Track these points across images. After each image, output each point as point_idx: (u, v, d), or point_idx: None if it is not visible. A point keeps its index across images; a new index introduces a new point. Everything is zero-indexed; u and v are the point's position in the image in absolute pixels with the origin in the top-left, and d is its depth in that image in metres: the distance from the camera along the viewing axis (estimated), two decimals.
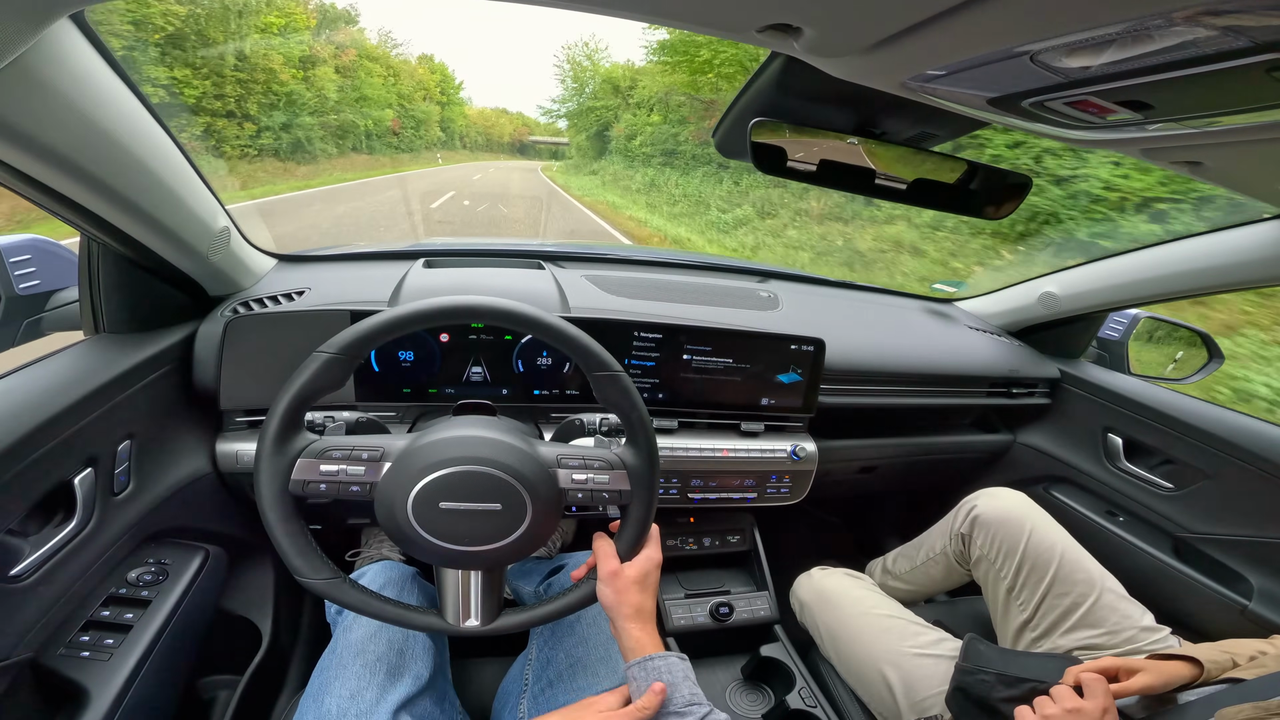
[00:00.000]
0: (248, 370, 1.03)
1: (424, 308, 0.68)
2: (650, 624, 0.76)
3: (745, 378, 1.20)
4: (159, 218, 0.86)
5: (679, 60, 13.71)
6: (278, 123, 17.83)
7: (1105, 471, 1.47)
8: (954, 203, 0.90)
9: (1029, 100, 0.55)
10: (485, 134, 59.93)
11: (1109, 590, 1.06)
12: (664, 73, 15.69)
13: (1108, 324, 1.63)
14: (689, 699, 0.69)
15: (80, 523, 0.83)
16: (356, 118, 23.58)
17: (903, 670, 1.04)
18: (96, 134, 0.69)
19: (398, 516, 0.68)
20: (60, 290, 1.02)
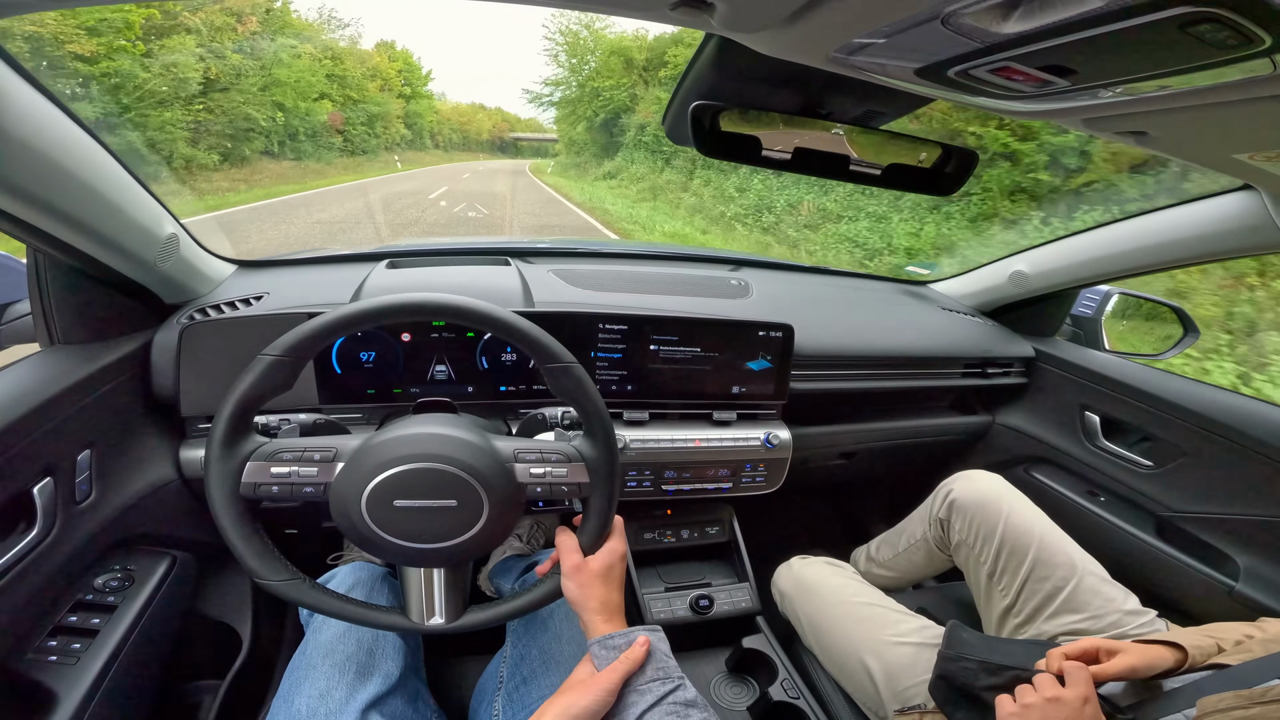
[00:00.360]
0: (207, 376, 1.02)
1: (367, 307, 0.68)
2: (617, 616, 0.75)
3: (715, 366, 1.19)
4: (96, 226, 0.85)
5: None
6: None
7: (1084, 450, 1.47)
8: (906, 181, 0.89)
9: (954, 69, 0.54)
10: (461, 131, 55.69)
11: (1090, 574, 1.05)
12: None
13: (1080, 301, 1.63)
14: (656, 674, 0.69)
15: (42, 531, 0.83)
16: (256, 110, 17.82)
17: (884, 659, 1.03)
18: (13, 145, 0.67)
19: (352, 515, 0.67)
20: (14, 303, 1.01)
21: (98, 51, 13.30)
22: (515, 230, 11.11)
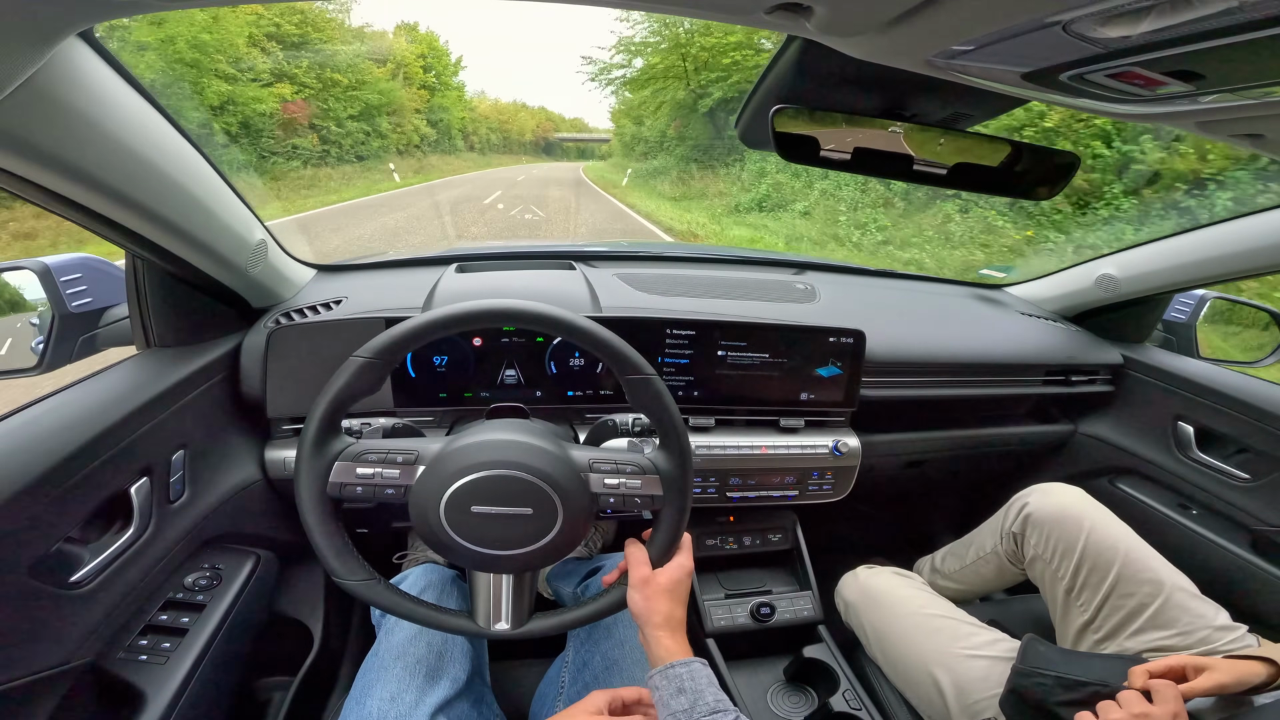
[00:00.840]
0: (291, 378, 1.06)
1: (455, 312, 0.69)
2: (680, 633, 0.75)
3: (783, 373, 1.17)
4: (193, 232, 0.88)
5: None
6: None
7: (1175, 462, 1.38)
8: (995, 184, 0.85)
9: (1067, 74, 0.51)
10: (501, 130, 49.75)
11: (1180, 589, 1.00)
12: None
13: (1173, 306, 1.54)
14: (713, 705, 0.67)
15: (138, 530, 0.86)
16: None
17: (954, 672, 1.00)
18: (119, 150, 0.70)
19: (430, 519, 0.69)
20: (112, 307, 1.06)
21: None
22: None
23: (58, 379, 0.91)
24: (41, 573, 0.73)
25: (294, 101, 16.63)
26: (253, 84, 15.72)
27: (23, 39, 0.49)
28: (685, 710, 0.67)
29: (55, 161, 0.64)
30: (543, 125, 63.80)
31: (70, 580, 0.77)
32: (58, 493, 0.74)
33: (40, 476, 0.71)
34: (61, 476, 0.74)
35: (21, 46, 0.50)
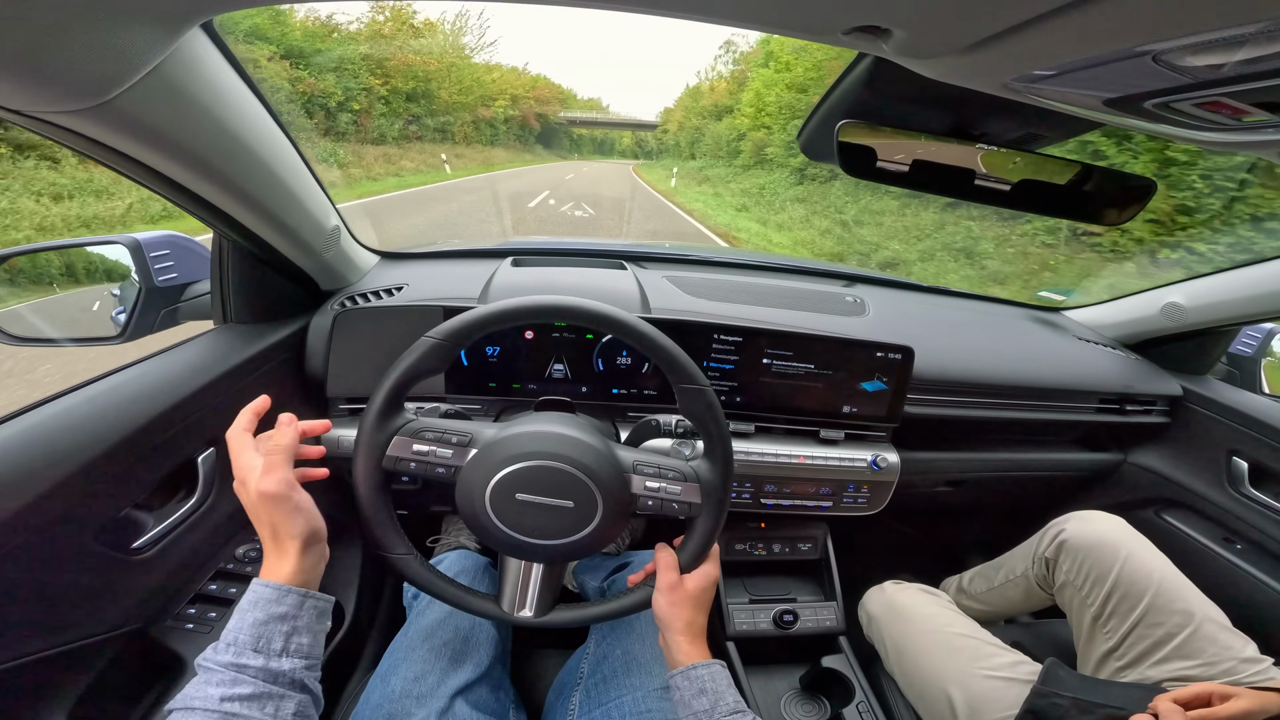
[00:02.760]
0: (351, 360, 1.11)
1: (527, 304, 0.71)
2: (701, 640, 0.76)
3: (827, 384, 1.17)
4: (281, 216, 0.92)
5: None
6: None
7: (1225, 496, 1.35)
8: (1060, 206, 0.84)
9: (1153, 101, 0.50)
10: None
11: (1210, 620, 0.99)
12: None
13: (1239, 339, 1.48)
14: (733, 706, 0.68)
15: (200, 499, 0.89)
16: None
17: (970, 691, 1.00)
18: (227, 137, 0.74)
19: (475, 502, 0.71)
20: (194, 283, 1.11)
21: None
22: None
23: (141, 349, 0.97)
24: (107, 538, 0.76)
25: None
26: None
27: (155, 27, 0.53)
28: (707, 710, 0.68)
29: (170, 146, 0.68)
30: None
31: (132, 546, 0.80)
32: (133, 458, 0.77)
33: (120, 441, 0.74)
34: (139, 442, 0.77)
35: (154, 34, 0.54)
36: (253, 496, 0.65)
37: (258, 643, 0.59)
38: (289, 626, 0.61)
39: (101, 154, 0.66)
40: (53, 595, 0.70)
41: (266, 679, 0.57)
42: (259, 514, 0.66)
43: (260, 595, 0.61)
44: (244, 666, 0.57)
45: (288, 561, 0.64)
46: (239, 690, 0.55)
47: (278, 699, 0.57)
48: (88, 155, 0.67)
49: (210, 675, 0.56)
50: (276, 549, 0.65)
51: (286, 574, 0.64)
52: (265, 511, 0.65)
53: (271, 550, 0.65)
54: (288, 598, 0.62)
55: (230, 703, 0.54)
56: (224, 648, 0.58)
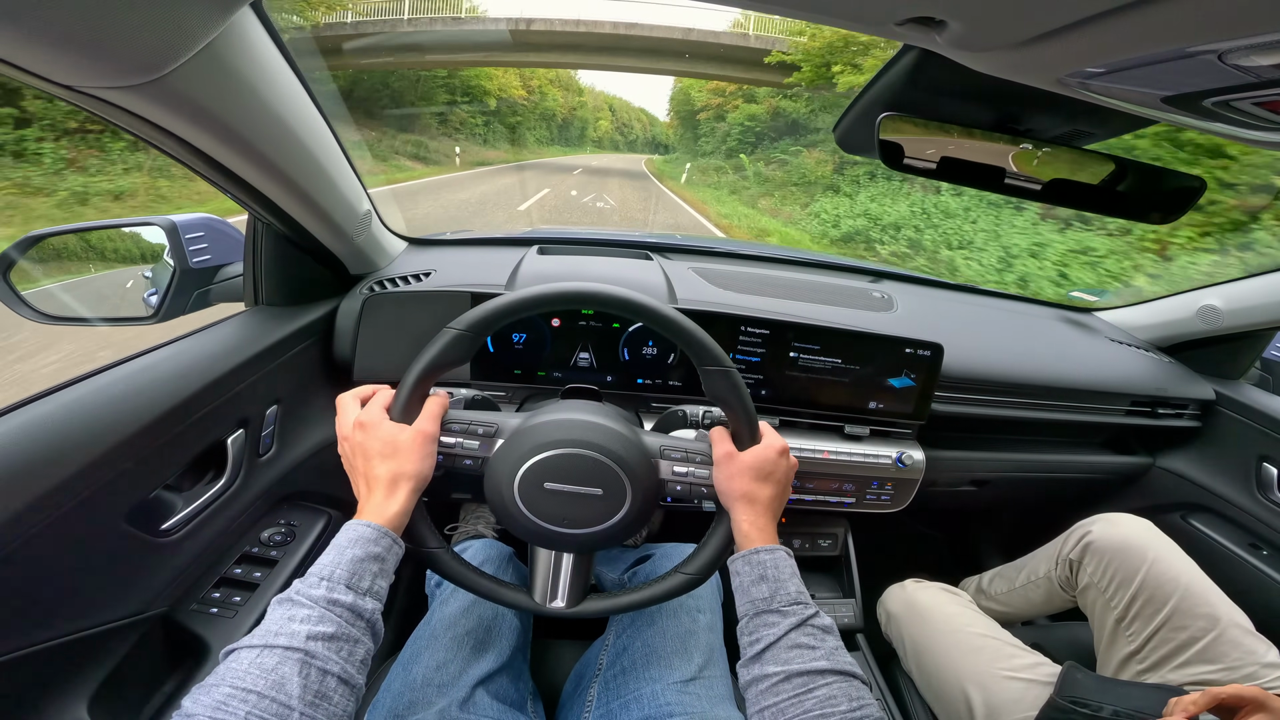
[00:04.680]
0: (379, 345, 1.11)
1: (550, 291, 0.71)
2: (766, 517, 0.72)
3: (853, 379, 1.16)
4: (316, 199, 0.93)
5: None
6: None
7: (1254, 503, 1.34)
8: (1109, 204, 0.82)
9: (1212, 100, 0.49)
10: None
11: (1235, 625, 0.98)
12: None
13: (1275, 344, 1.45)
14: (795, 596, 0.65)
15: (228, 481, 0.89)
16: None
17: (988, 691, 0.99)
18: (270, 118, 0.74)
19: (504, 492, 0.71)
20: (227, 265, 1.12)
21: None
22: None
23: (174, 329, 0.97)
24: (138, 519, 0.75)
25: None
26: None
27: (209, 3, 0.53)
28: (765, 599, 0.65)
29: (216, 125, 0.68)
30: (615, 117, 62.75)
31: (161, 528, 0.79)
32: (165, 438, 0.77)
33: (153, 421, 0.74)
34: (172, 422, 0.77)
35: (208, 11, 0.54)
36: (405, 436, 0.68)
37: (351, 579, 0.58)
38: (378, 568, 0.61)
39: (149, 132, 0.67)
40: (82, 577, 0.70)
41: (350, 619, 0.56)
42: (388, 454, 0.67)
43: (360, 534, 0.61)
44: (335, 602, 0.56)
45: (396, 504, 0.65)
46: (323, 628, 0.54)
47: (353, 642, 0.56)
48: (135, 134, 0.67)
49: (295, 610, 0.54)
50: (389, 491, 0.66)
51: (390, 515, 0.64)
52: (403, 452, 0.67)
53: (382, 493, 0.66)
54: (384, 539, 0.62)
55: (315, 641, 0.53)
56: (316, 581, 0.57)
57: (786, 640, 0.62)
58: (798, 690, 0.59)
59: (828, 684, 0.59)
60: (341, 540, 0.61)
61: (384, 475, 0.66)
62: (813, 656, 0.61)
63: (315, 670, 0.51)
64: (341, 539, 0.61)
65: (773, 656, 0.62)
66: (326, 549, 0.61)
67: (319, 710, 0.51)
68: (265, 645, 0.51)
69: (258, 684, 0.49)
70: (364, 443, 0.68)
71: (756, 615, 0.65)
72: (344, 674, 0.54)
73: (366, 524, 0.62)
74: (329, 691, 0.52)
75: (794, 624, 0.63)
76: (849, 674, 0.61)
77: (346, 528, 0.63)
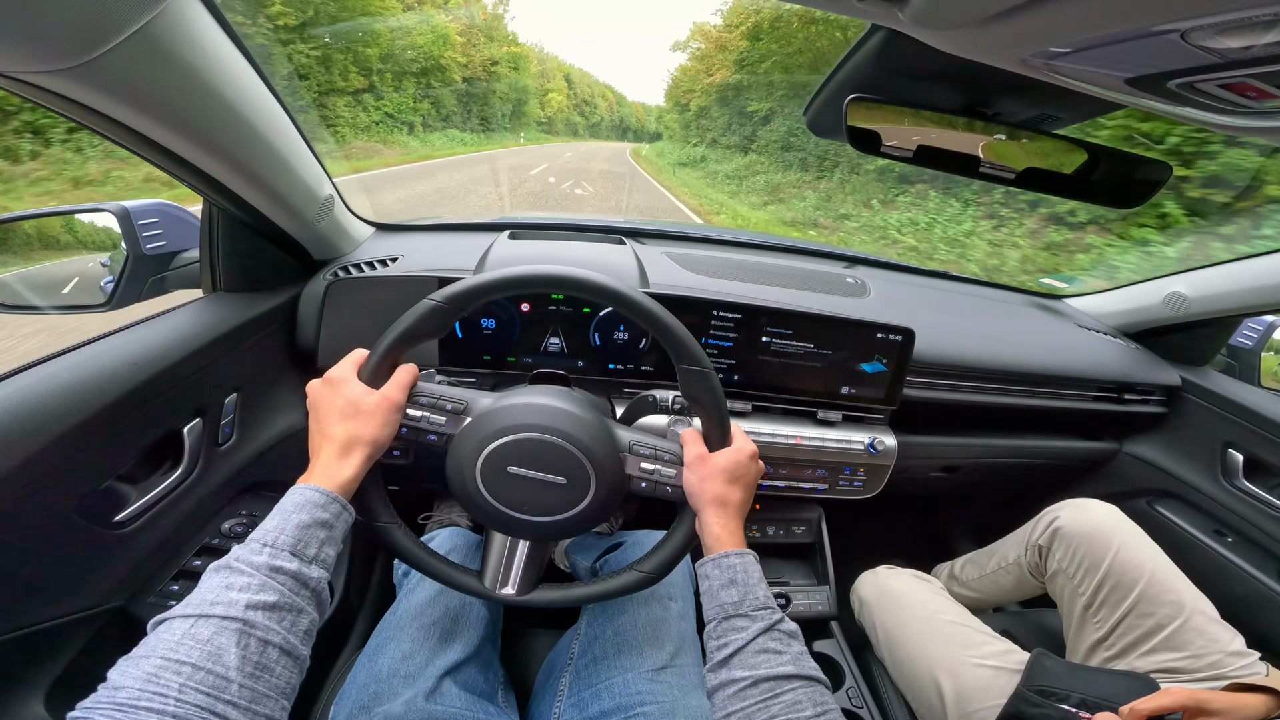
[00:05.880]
0: (344, 331, 1.09)
1: (532, 273, 0.69)
2: (735, 520, 0.72)
3: (826, 365, 1.16)
4: (272, 184, 0.90)
5: None
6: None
7: (1219, 489, 1.36)
8: (1076, 189, 0.82)
9: (1176, 81, 0.48)
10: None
11: (1200, 613, 0.99)
12: None
13: (1240, 331, 1.47)
14: (763, 601, 0.66)
15: (185, 471, 0.87)
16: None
17: (959, 679, 1.00)
18: (217, 101, 0.71)
19: (465, 472, 0.69)
20: (183, 251, 1.09)
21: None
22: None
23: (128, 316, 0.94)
24: (88, 510, 0.74)
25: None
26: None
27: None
28: (734, 603, 0.66)
29: (156, 108, 0.66)
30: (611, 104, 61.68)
31: (114, 520, 0.78)
32: (116, 427, 0.75)
33: (103, 409, 0.72)
34: (122, 411, 0.75)
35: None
36: (370, 400, 0.66)
37: (296, 545, 0.56)
38: (325, 534, 0.59)
39: (84, 116, 0.64)
40: (32, 570, 0.68)
41: (293, 587, 0.54)
42: (349, 415, 0.65)
43: (308, 498, 0.59)
44: (278, 570, 0.53)
45: (348, 468, 0.63)
46: (264, 597, 0.51)
47: (296, 612, 0.53)
48: (70, 118, 0.64)
49: (234, 578, 0.52)
50: (342, 454, 0.64)
51: (341, 480, 0.62)
52: (364, 415, 0.65)
53: (334, 455, 0.64)
54: (332, 505, 0.60)
55: (255, 610, 0.50)
56: (259, 548, 0.54)
57: (754, 645, 0.63)
58: (764, 695, 0.60)
59: (793, 689, 0.60)
60: (287, 504, 0.59)
61: (340, 436, 0.64)
62: (779, 661, 0.62)
63: (255, 641, 0.49)
64: (287, 503, 0.59)
65: (740, 661, 0.62)
66: (270, 513, 0.58)
67: (260, 682, 0.49)
68: (200, 615, 0.49)
69: (191, 655, 0.46)
70: (328, 398, 0.67)
71: (726, 619, 0.65)
72: (286, 645, 0.51)
73: (314, 488, 0.60)
74: (270, 663, 0.50)
75: (761, 629, 0.63)
76: (814, 679, 0.62)
77: (293, 491, 0.60)
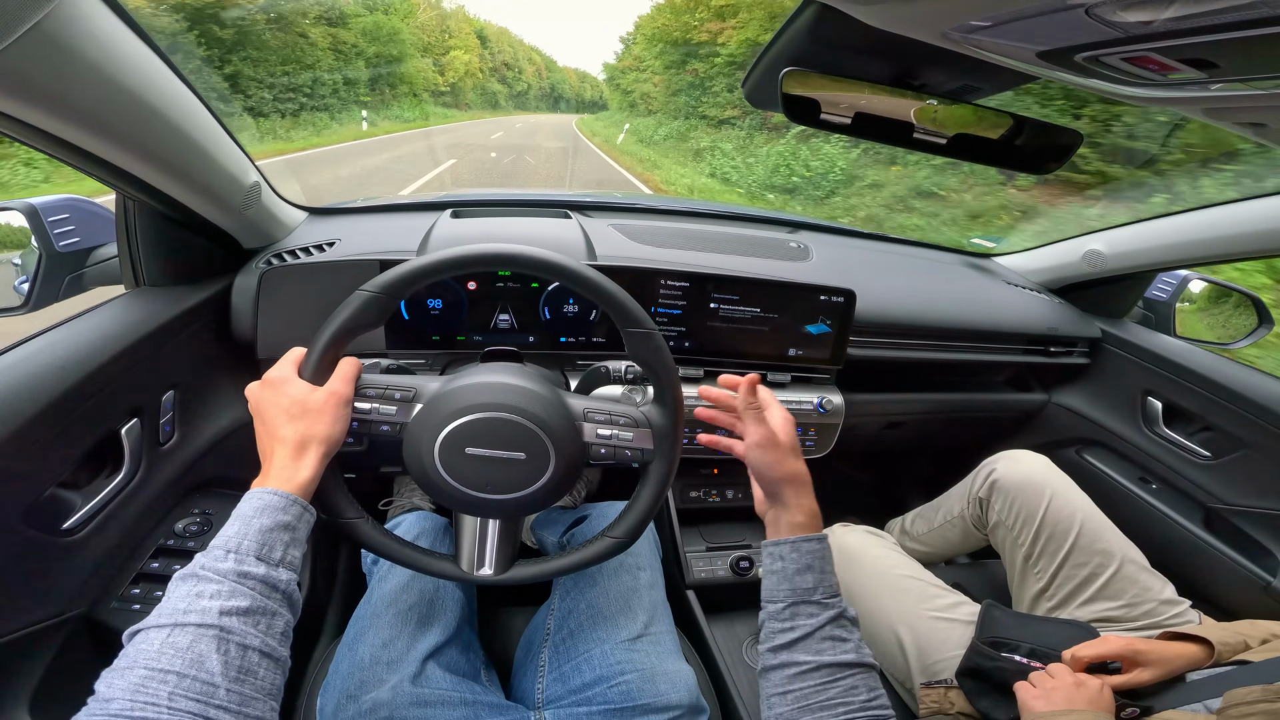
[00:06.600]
0: (283, 320, 1.06)
1: (467, 253, 0.68)
2: (810, 495, 0.74)
3: (773, 328, 1.19)
4: (189, 173, 0.87)
5: None
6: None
7: (1142, 436, 1.43)
8: (997, 156, 0.85)
9: (1083, 55, 0.51)
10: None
11: (1130, 561, 1.04)
12: None
13: (1155, 284, 1.57)
14: (834, 589, 0.69)
15: (129, 474, 0.85)
16: None
17: (917, 632, 1.03)
18: (122, 94, 0.68)
19: (424, 459, 0.69)
20: (99, 247, 1.05)
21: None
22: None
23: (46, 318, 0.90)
24: (35, 520, 0.72)
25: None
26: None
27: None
28: (808, 589, 0.67)
29: (58, 105, 0.63)
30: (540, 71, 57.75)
31: (63, 528, 0.76)
32: (51, 434, 0.73)
33: (34, 417, 0.70)
34: (55, 417, 0.73)
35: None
36: (317, 397, 0.64)
37: (261, 550, 0.55)
38: (289, 537, 0.58)
39: None
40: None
41: (264, 591, 0.54)
42: (296, 415, 0.63)
43: (267, 502, 0.58)
44: (246, 575, 0.53)
45: (305, 469, 0.62)
46: (236, 603, 0.51)
47: (270, 615, 0.53)
48: None
49: (203, 585, 0.51)
50: (296, 454, 0.62)
51: (299, 482, 0.61)
52: (313, 413, 0.63)
53: (288, 456, 0.62)
54: (293, 507, 0.59)
55: (229, 617, 0.50)
56: (223, 555, 0.53)
57: (822, 632, 0.65)
58: (824, 679, 0.63)
59: (852, 675, 0.63)
60: (246, 510, 0.58)
61: (291, 437, 0.63)
62: (843, 649, 0.65)
63: (234, 646, 0.49)
64: (245, 508, 0.58)
65: (805, 646, 0.65)
66: (229, 520, 0.57)
67: (245, 685, 0.49)
68: (175, 624, 0.49)
69: (174, 664, 0.46)
70: (270, 400, 0.65)
71: (798, 604, 0.67)
72: (265, 647, 0.51)
73: (273, 491, 0.59)
74: (252, 666, 0.50)
75: (832, 616, 0.66)
76: (871, 667, 0.65)
77: (249, 496, 0.59)
